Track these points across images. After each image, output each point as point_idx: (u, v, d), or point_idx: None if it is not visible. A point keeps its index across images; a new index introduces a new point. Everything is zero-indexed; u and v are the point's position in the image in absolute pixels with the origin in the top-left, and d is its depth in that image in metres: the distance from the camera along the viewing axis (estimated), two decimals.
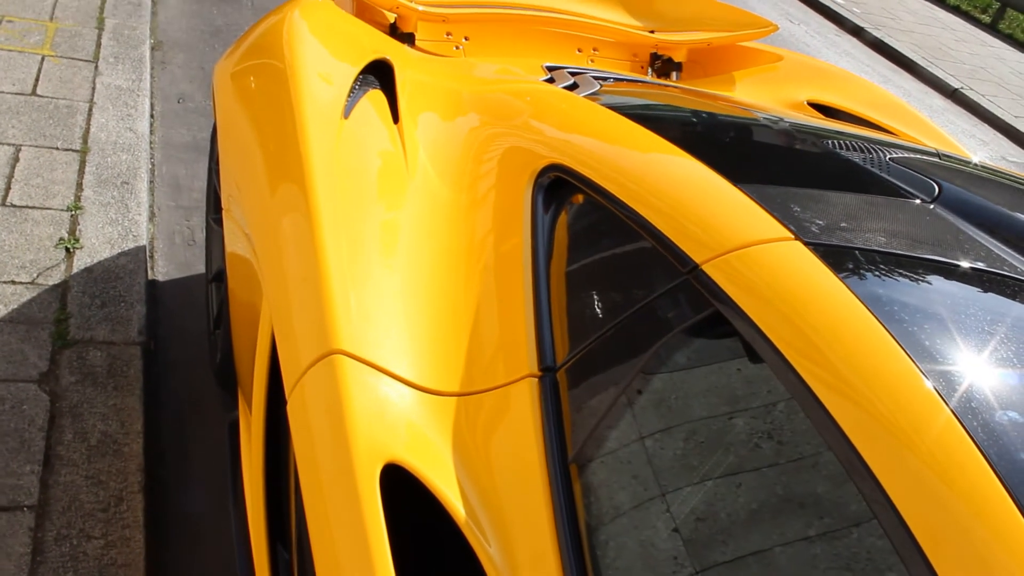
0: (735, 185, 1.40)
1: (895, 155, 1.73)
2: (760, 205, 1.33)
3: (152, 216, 3.26)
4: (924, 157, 1.83)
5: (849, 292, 1.12)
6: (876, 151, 1.74)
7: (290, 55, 2.12)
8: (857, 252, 1.22)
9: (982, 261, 1.30)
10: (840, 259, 1.19)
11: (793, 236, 1.23)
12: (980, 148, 6.85)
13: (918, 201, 1.47)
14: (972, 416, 0.96)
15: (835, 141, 1.81)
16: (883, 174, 1.59)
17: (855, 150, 1.74)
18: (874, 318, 1.08)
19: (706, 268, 1.23)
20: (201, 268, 3.07)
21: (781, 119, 2.00)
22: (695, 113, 2.01)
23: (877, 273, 1.19)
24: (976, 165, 2.05)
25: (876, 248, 1.24)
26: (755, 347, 1.12)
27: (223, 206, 2.16)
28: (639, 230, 1.40)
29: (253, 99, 2.17)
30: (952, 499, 0.89)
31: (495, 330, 1.46)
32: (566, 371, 1.33)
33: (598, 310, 1.38)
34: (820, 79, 3.15)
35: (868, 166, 1.63)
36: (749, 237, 1.24)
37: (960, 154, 2.77)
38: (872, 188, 1.50)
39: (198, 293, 2.95)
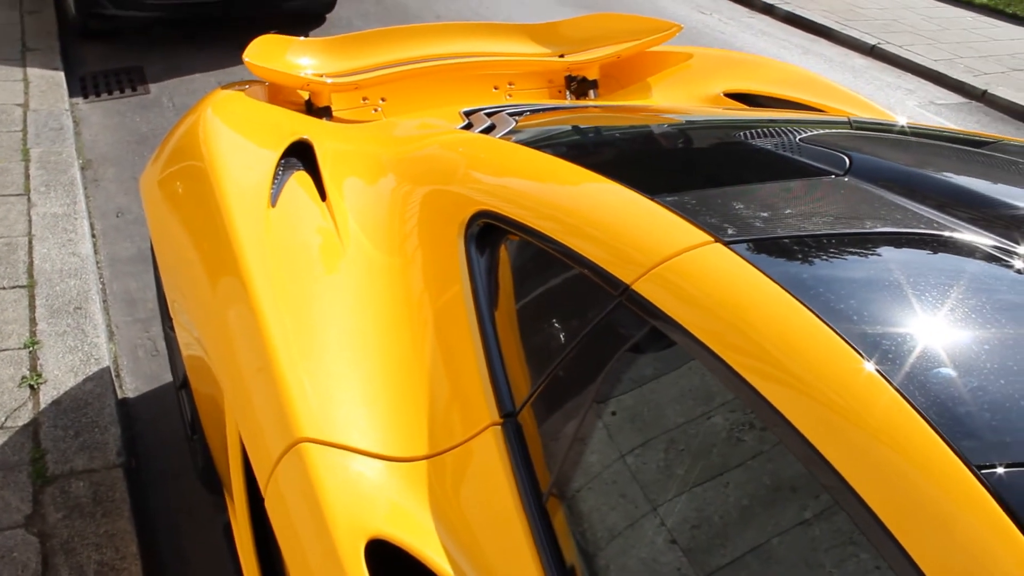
0: (652, 199, 1.43)
1: (805, 134, 1.78)
2: (678, 214, 1.36)
3: (111, 335, 3.26)
4: (834, 130, 1.88)
5: (773, 283, 1.15)
6: (786, 134, 1.78)
7: (209, 154, 2.15)
8: (776, 242, 1.25)
9: (901, 224, 1.34)
10: (761, 252, 1.22)
11: (713, 239, 1.27)
12: (908, 97, 6.97)
13: (831, 177, 1.51)
14: (913, 384, 0.98)
15: (746, 132, 1.85)
16: (794, 156, 1.63)
17: (766, 136, 1.79)
18: (801, 304, 1.10)
19: (636, 287, 1.26)
20: (169, 376, 3.06)
21: (693, 120, 2.04)
22: (608, 131, 2.05)
23: (798, 258, 1.22)
24: (888, 126, 2.10)
25: (794, 234, 1.27)
26: (694, 353, 1.14)
27: (171, 313, 2.17)
28: (570, 262, 1.43)
29: (181, 204, 2.19)
30: (907, 471, 0.91)
31: (451, 385, 1.48)
32: (526, 413, 1.35)
33: (547, 347, 1.40)
34: (732, 68, 3.21)
35: (779, 151, 1.67)
36: (671, 248, 1.27)
37: (878, 115, 2.83)
38: (785, 173, 1.54)
39: (170, 401, 2.95)
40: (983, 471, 0.88)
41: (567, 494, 1.24)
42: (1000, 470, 0.88)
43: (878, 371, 1.00)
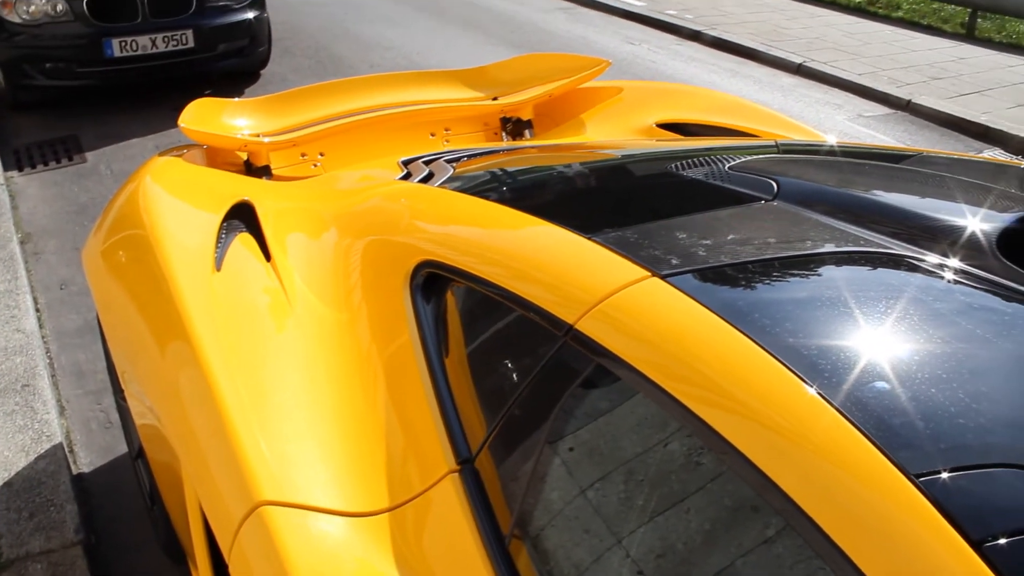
0: (589, 237, 1.47)
1: (734, 161, 1.83)
2: (615, 251, 1.39)
3: (62, 410, 3.21)
4: (763, 155, 1.94)
5: (710, 312, 1.18)
6: (715, 162, 1.83)
7: (150, 222, 2.15)
8: (710, 271, 1.29)
9: (829, 244, 1.39)
10: (696, 283, 1.26)
11: (650, 273, 1.30)
12: (837, 112, 7.15)
13: (761, 202, 1.56)
14: (851, 401, 1.02)
15: (677, 163, 1.90)
16: (724, 184, 1.68)
17: (697, 166, 1.84)
18: (737, 331, 1.14)
19: (579, 326, 1.28)
20: (124, 447, 3.02)
21: (626, 154, 2.09)
22: (543, 172, 2.09)
23: (732, 285, 1.26)
24: (815, 146, 2.17)
25: (727, 262, 1.31)
26: (640, 387, 1.17)
27: (121, 384, 2.15)
28: (515, 305, 1.46)
29: (125, 273, 2.18)
30: (851, 486, 0.94)
31: (408, 435, 1.49)
32: (483, 458, 1.37)
33: (498, 391, 1.42)
34: (662, 99, 3.29)
35: (709, 180, 1.72)
36: (610, 286, 1.31)
37: (806, 135, 2.91)
38: (716, 202, 1.59)
39: (127, 473, 2.91)
40: (921, 479, 0.91)
41: (530, 534, 1.26)
42: (937, 477, 0.91)
43: (816, 391, 1.03)
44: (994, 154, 6.52)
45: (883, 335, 1.14)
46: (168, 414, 1.76)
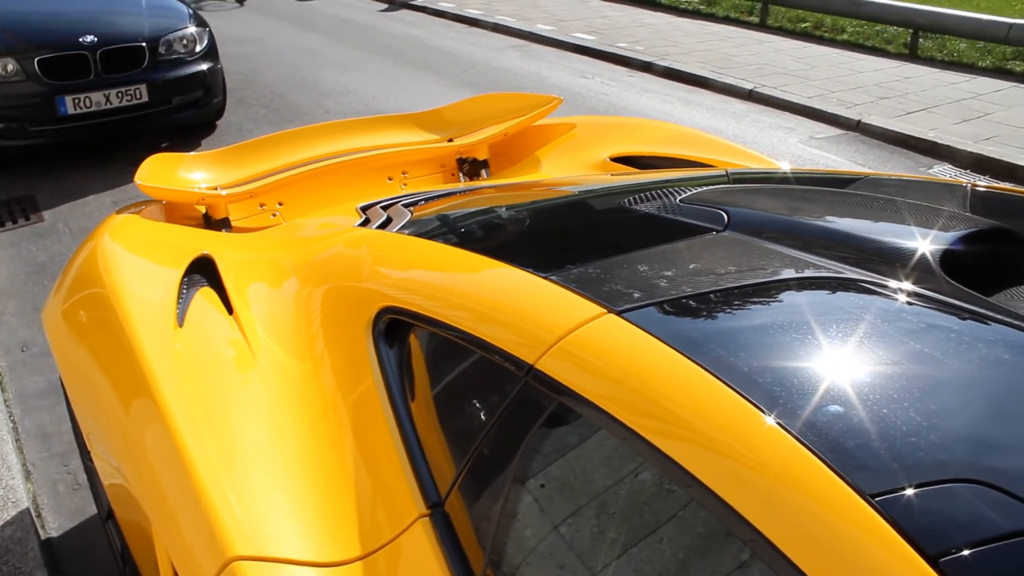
0: (545, 277, 1.49)
1: (685, 193, 1.87)
2: (571, 289, 1.42)
3: (28, 475, 3.17)
4: (713, 186, 1.98)
5: (665, 346, 1.21)
6: (667, 195, 1.87)
7: (110, 281, 2.15)
8: (664, 305, 1.32)
9: (780, 271, 1.42)
10: (650, 317, 1.29)
11: (606, 310, 1.33)
12: (789, 135, 7.28)
13: (712, 234, 1.60)
14: (805, 426, 1.04)
15: (629, 198, 1.94)
16: (676, 217, 1.72)
17: (649, 200, 1.88)
18: (693, 363, 1.17)
19: (539, 366, 1.31)
20: (94, 509, 2.99)
21: (580, 191, 2.13)
22: (498, 213, 2.12)
23: (686, 318, 1.29)
24: (766, 174, 2.22)
25: (680, 295, 1.34)
26: (601, 423, 1.19)
27: (87, 446, 2.14)
28: (476, 348, 1.48)
29: (87, 334, 2.17)
30: (812, 512, 0.96)
31: (376, 482, 1.50)
32: (452, 501, 1.38)
33: (464, 433, 1.44)
34: (615, 133, 3.35)
35: (662, 213, 1.76)
36: (567, 325, 1.33)
37: (758, 162, 2.97)
38: (668, 235, 1.62)
39: (98, 534, 2.87)
40: (877, 499, 0.94)
41: (502, 574, 1.27)
42: (892, 495, 0.94)
43: (773, 419, 1.06)
44: (943, 170, 6.67)
45: (835, 359, 1.17)
46: (135, 473, 1.75)
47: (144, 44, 6.10)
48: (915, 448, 1.00)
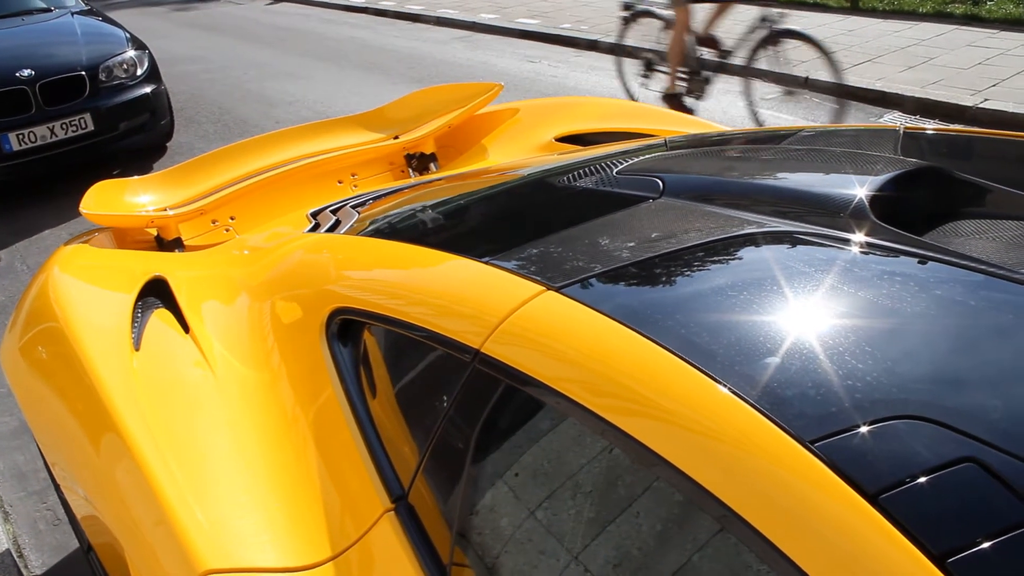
0: (485, 262, 1.50)
1: (622, 165, 1.89)
2: (509, 271, 1.43)
3: (6, 516, 3.14)
4: (651, 154, 1.99)
5: (604, 317, 1.22)
6: (604, 169, 1.88)
7: (63, 313, 2.13)
8: (601, 276, 1.33)
9: (715, 232, 1.44)
10: (588, 290, 1.30)
11: (544, 287, 1.34)
12: (740, 98, 7.31)
13: (649, 201, 1.61)
14: (744, 381, 1.05)
15: (568, 176, 1.95)
16: (612, 189, 1.73)
17: (587, 176, 1.89)
18: (634, 332, 1.18)
19: (485, 350, 1.32)
20: (76, 543, 2.97)
21: (521, 173, 2.14)
22: (440, 205, 2.12)
23: (624, 287, 1.30)
24: (702, 138, 2.24)
25: (616, 265, 1.35)
26: (550, 401, 1.20)
27: (56, 480, 2.13)
28: (425, 339, 1.49)
29: (45, 368, 2.16)
30: (750, 463, 0.97)
31: (341, 482, 1.51)
32: (415, 493, 1.39)
33: (421, 424, 1.45)
34: (558, 113, 3.36)
35: (599, 187, 1.77)
36: (508, 306, 1.34)
37: (699, 127, 2.99)
38: (605, 208, 1.63)
39: (82, 568, 2.86)
40: (816, 444, 0.95)
41: (469, 558, 1.28)
42: (830, 440, 0.95)
43: (710, 375, 1.06)
44: (892, 118, 6.73)
45: (770, 313, 1.18)
46: (104, 502, 1.75)
47: (84, 72, 6.04)
48: (852, 391, 1.00)
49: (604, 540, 1.12)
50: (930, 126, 3.31)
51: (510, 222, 1.86)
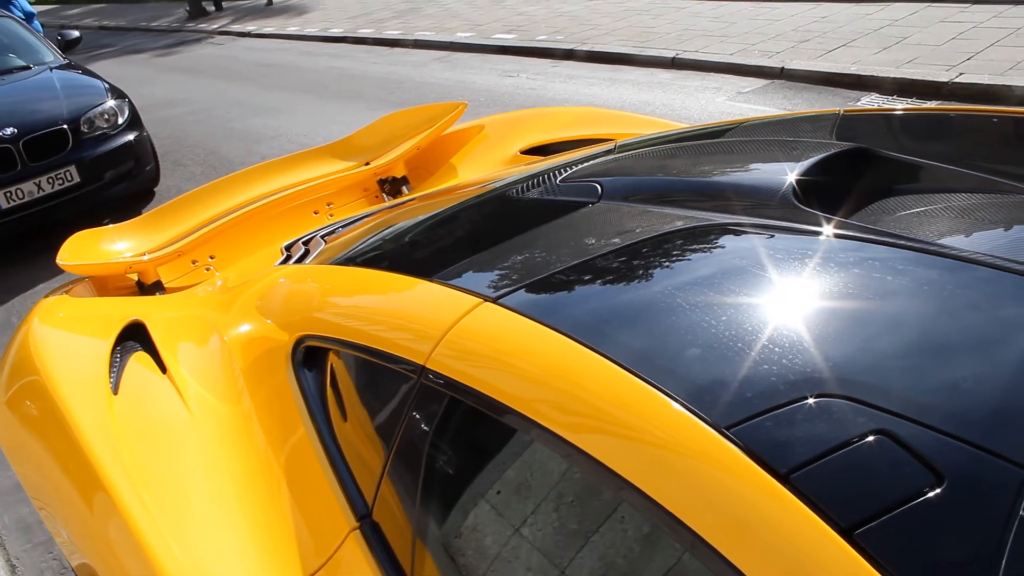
0: (428, 279, 1.54)
1: (565, 173, 1.93)
2: (449, 286, 1.47)
3: (13, 569, 3.18)
4: (597, 160, 2.03)
5: (538, 324, 1.25)
6: (549, 179, 1.92)
7: (42, 364, 2.17)
8: (536, 284, 1.37)
9: (648, 230, 1.47)
10: (523, 298, 1.33)
11: (481, 299, 1.37)
12: (716, 94, 7.36)
13: (587, 207, 1.65)
14: (665, 375, 1.08)
15: (516, 189, 1.99)
16: (554, 198, 1.77)
17: (534, 187, 1.93)
18: (561, 335, 1.21)
19: (430, 365, 1.35)
20: None
21: (480, 190, 2.18)
22: (396, 229, 2.16)
23: (559, 294, 1.33)
24: (651, 139, 2.27)
25: (551, 272, 1.39)
26: (493, 411, 1.23)
27: (49, 530, 2.17)
28: (380, 360, 1.53)
29: (28, 420, 2.20)
30: (668, 450, 1.00)
31: (310, 506, 1.54)
32: (378, 509, 1.43)
33: (380, 442, 1.48)
34: (523, 126, 3.40)
35: (542, 197, 1.81)
36: (448, 321, 1.38)
37: (662, 127, 3.03)
38: (546, 217, 1.67)
39: None
40: (731, 430, 0.97)
41: (435, 568, 1.31)
42: (743, 425, 0.97)
43: (640, 377, 1.09)
44: (871, 100, 6.77)
45: (694, 305, 1.19)
46: (92, 548, 1.79)
47: (66, 126, 6.10)
48: (767, 375, 1.03)
49: (531, 533, 1.15)
50: (900, 106, 3.33)
51: (457, 239, 1.90)
